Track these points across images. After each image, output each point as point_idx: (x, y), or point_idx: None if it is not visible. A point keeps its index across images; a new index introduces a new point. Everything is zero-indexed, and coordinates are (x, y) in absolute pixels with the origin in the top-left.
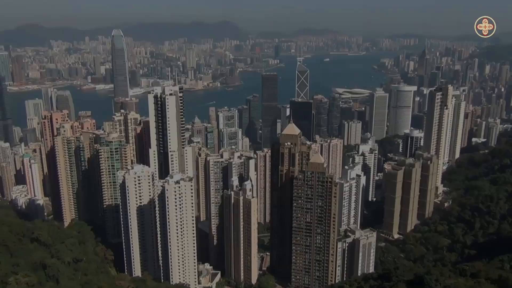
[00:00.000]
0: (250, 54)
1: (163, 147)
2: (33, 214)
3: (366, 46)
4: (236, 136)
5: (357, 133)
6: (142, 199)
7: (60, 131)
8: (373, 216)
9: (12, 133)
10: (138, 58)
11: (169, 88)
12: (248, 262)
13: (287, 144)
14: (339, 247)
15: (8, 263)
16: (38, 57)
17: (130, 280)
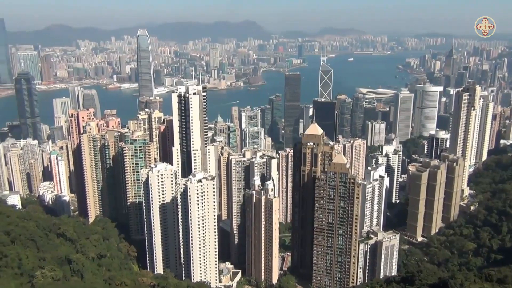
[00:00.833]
0: (274, 53)
1: (186, 146)
2: (59, 210)
3: (391, 45)
4: (259, 136)
5: (381, 133)
6: (165, 197)
7: (86, 129)
8: (397, 218)
9: (40, 131)
10: (163, 57)
11: (192, 88)
12: (269, 262)
13: (310, 144)
14: (361, 249)
15: (35, 257)
16: (66, 57)
17: (152, 277)
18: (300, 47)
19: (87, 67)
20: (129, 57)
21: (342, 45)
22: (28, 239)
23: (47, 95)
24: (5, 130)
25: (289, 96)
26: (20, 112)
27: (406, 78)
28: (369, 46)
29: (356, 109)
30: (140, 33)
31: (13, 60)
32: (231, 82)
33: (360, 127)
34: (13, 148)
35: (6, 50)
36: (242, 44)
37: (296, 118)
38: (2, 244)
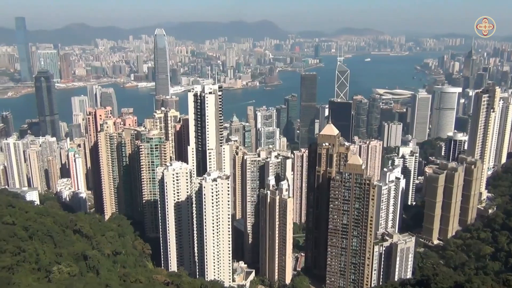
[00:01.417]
0: (290, 53)
1: (201, 145)
2: (76, 207)
3: (409, 46)
4: (274, 136)
5: (398, 135)
6: (179, 196)
7: (103, 127)
8: (412, 220)
9: (59, 128)
10: (179, 56)
11: (208, 87)
12: (283, 262)
13: (325, 145)
14: (375, 251)
15: (52, 253)
16: (85, 55)
17: (166, 275)
18: (316, 47)
19: (105, 65)
20: (146, 56)
21: (359, 45)
22: (45, 234)
23: (65, 93)
24: (24, 127)
25: (305, 96)
26: (40, 110)
27: (424, 79)
28: (387, 47)
29: (373, 109)
30: (157, 32)
31: (33, 58)
32: (247, 82)
33: (376, 128)
34: (32, 145)
35: (26, 49)
36: (258, 44)
37: (311, 118)
38: (20, 240)
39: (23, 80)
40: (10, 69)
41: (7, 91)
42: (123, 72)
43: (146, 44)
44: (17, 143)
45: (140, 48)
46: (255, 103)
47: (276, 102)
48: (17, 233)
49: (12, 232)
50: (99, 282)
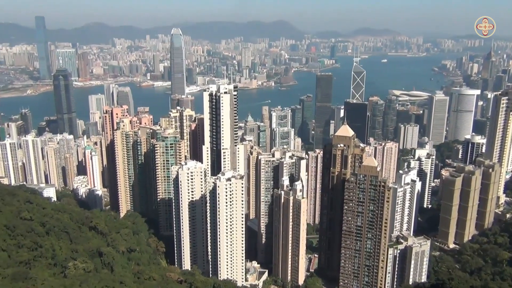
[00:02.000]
0: (306, 54)
1: (216, 144)
2: (92, 204)
3: (426, 47)
4: (288, 136)
5: (414, 137)
6: (194, 195)
7: (120, 126)
8: (428, 223)
9: (76, 126)
10: (195, 56)
11: (224, 87)
12: (296, 263)
13: (340, 146)
14: (390, 254)
15: (68, 248)
16: (102, 54)
17: (180, 273)
18: (333, 48)
19: (122, 65)
20: (162, 56)
21: (376, 46)
22: (62, 231)
23: (83, 92)
24: (43, 125)
25: (320, 97)
26: (58, 108)
27: (441, 81)
28: (404, 47)
29: (389, 111)
30: (174, 32)
31: (52, 57)
32: (262, 82)
33: (392, 129)
34: (50, 142)
35: (45, 47)
36: (274, 44)
37: (326, 119)
38: (37, 235)
39: (42, 78)
40: (30, 68)
41: (26, 89)
42: (139, 71)
43: (162, 44)
44: (36, 140)
45: (156, 47)
46: (270, 103)
47: (291, 103)
48: (35, 229)
49: (29, 227)
50: (114, 278)
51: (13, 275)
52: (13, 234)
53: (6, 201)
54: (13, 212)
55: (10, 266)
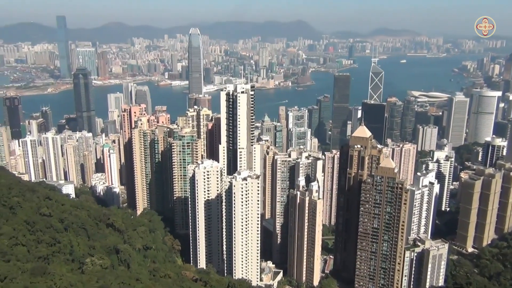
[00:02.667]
0: (323, 54)
1: (232, 144)
2: (109, 201)
3: (446, 47)
4: (305, 136)
5: (433, 138)
6: (210, 194)
7: (138, 124)
8: (446, 226)
9: (95, 124)
10: (213, 56)
11: (241, 86)
12: (311, 264)
13: (357, 147)
14: (406, 256)
15: (86, 245)
16: (121, 54)
17: (195, 271)
18: (351, 48)
19: (140, 64)
20: (180, 55)
21: (395, 46)
22: (80, 227)
23: (102, 90)
24: (63, 123)
25: (338, 97)
26: (77, 106)
27: (461, 82)
28: (423, 48)
29: (407, 112)
30: (192, 31)
31: (72, 56)
32: (280, 82)
33: (410, 131)
34: (69, 140)
35: (66, 46)
36: (292, 44)
37: (344, 119)
38: (56, 231)
39: (62, 77)
40: (50, 66)
41: (47, 87)
42: (157, 70)
43: (180, 43)
44: (56, 137)
45: (174, 47)
46: (287, 103)
47: (308, 103)
48: (53, 225)
49: (48, 223)
50: (130, 275)
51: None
52: (32, 229)
53: (26, 197)
54: (33, 208)
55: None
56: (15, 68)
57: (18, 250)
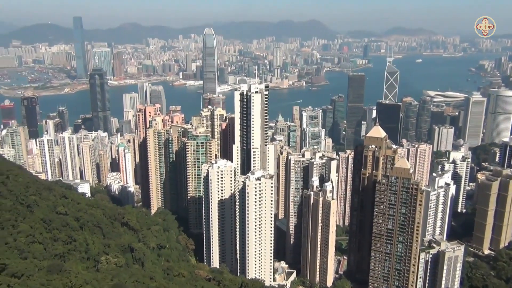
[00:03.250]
0: (338, 53)
1: (246, 144)
2: (124, 200)
3: (463, 46)
4: (319, 136)
5: (449, 139)
6: (223, 193)
7: (152, 124)
8: (462, 228)
9: (110, 124)
10: (227, 56)
11: (255, 86)
12: (324, 264)
13: (372, 147)
14: (421, 258)
15: (101, 243)
16: (136, 54)
17: (208, 270)
18: (365, 47)
19: (155, 64)
20: (195, 55)
21: (411, 45)
22: (95, 225)
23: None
24: (79, 122)
25: (352, 97)
26: (93, 106)
27: (478, 82)
28: (440, 47)
29: (423, 112)
30: (206, 31)
31: (89, 56)
32: (293, 82)
33: (426, 131)
34: (85, 139)
35: (82, 47)
36: (306, 44)
37: (358, 119)
38: (72, 229)
39: (78, 77)
40: (67, 67)
41: (63, 87)
42: (172, 70)
43: (195, 43)
44: (72, 137)
45: (189, 47)
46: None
47: (322, 103)
48: (69, 223)
49: (64, 221)
50: (144, 274)
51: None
52: (49, 227)
53: (43, 196)
54: (50, 207)
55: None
56: (33, 69)
57: (35, 248)
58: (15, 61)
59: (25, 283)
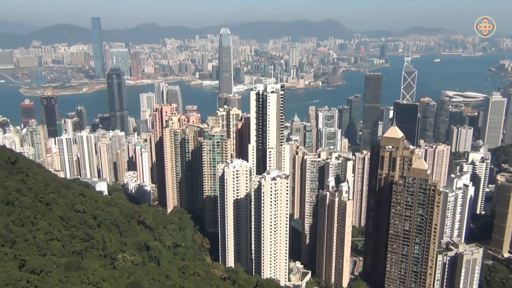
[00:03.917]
0: (354, 53)
1: (262, 144)
2: (141, 199)
3: (483, 46)
4: (335, 136)
5: (467, 140)
6: (239, 193)
7: (169, 123)
8: (481, 231)
9: (127, 123)
10: (243, 56)
11: (271, 86)
12: (340, 265)
13: (388, 148)
14: (439, 260)
15: (117, 241)
16: (153, 54)
17: (223, 270)
18: (383, 47)
19: (172, 64)
20: (211, 55)
21: (429, 45)
22: (112, 224)
23: (134, 90)
24: (96, 121)
25: (369, 97)
26: (111, 105)
27: (499, 82)
28: (459, 47)
29: (441, 112)
30: (222, 31)
31: (107, 56)
32: (310, 82)
33: (444, 132)
34: (103, 138)
35: (101, 47)
36: (322, 43)
37: (375, 120)
38: (89, 227)
39: (96, 77)
40: (86, 66)
41: (82, 87)
42: (188, 70)
43: (211, 43)
44: (90, 136)
45: (205, 47)
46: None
47: (339, 103)
48: (87, 221)
49: (82, 219)
50: (160, 272)
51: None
52: (67, 225)
53: (61, 194)
54: (68, 205)
55: (64, 255)
56: (52, 69)
57: (54, 245)
58: (35, 61)
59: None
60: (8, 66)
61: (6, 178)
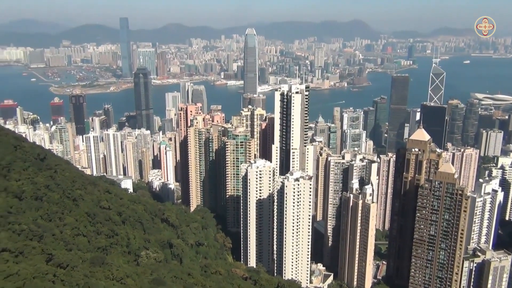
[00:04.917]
0: (381, 54)
1: (285, 144)
2: (165, 197)
3: None
4: (360, 138)
5: (497, 143)
6: (262, 193)
7: (193, 123)
8: (510, 237)
9: (153, 122)
10: (268, 56)
11: (295, 86)
12: (363, 269)
13: (415, 150)
14: (465, 266)
15: (141, 238)
16: (179, 54)
17: (245, 269)
18: (410, 48)
19: (197, 64)
20: (236, 55)
21: (458, 46)
22: (136, 221)
23: (160, 89)
24: (123, 120)
25: (395, 99)
26: (137, 104)
27: None
28: (489, 48)
29: (470, 115)
30: (248, 32)
31: (134, 56)
32: (335, 82)
33: (473, 135)
34: (129, 136)
35: (128, 47)
36: (348, 44)
37: (401, 122)
38: (114, 224)
39: (124, 76)
40: (113, 66)
41: (109, 86)
42: (214, 70)
43: (236, 44)
44: (116, 134)
45: (231, 47)
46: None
47: (364, 104)
48: (112, 218)
49: (107, 216)
50: (182, 270)
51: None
52: (93, 221)
53: (88, 190)
54: (94, 201)
55: (89, 251)
56: (81, 68)
57: (79, 240)
58: (64, 60)
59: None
60: (39, 65)
61: (35, 174)
